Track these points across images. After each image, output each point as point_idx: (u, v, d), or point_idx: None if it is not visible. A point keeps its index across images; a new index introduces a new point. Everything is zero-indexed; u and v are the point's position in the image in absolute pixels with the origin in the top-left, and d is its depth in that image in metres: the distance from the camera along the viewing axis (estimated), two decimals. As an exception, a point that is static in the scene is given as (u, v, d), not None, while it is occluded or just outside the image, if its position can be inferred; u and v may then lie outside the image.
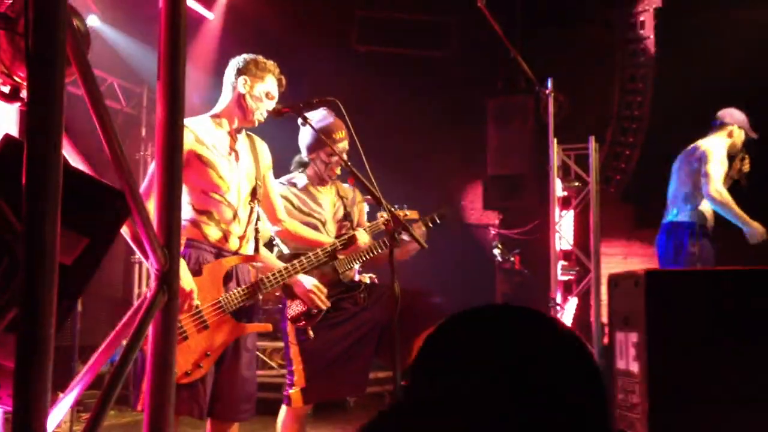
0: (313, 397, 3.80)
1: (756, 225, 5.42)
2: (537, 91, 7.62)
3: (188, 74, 2.13)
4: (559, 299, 7.13)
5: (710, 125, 5.92)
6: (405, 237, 3.65)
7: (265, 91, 3.46)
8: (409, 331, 3.50)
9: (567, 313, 7.29)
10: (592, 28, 8.52)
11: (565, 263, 7.40)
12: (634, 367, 2.38)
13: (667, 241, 5.62)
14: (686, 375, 2.28)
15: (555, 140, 7.47)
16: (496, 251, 6.50)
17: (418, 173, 8.23)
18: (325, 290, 3.67)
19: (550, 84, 7.48)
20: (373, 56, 8.91)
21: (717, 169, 5.50)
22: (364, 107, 7.69)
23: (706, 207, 5.58)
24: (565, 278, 7.36)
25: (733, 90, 7.25)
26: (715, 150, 5.58)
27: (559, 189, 7.52)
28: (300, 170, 4.02)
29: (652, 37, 8.07)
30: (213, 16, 7.40)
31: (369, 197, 3.86)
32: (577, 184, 7.57)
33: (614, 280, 2.67)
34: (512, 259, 6.71)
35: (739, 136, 5.75)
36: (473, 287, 7.75)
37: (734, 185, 5.72)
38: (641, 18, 8.11)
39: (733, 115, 5.82)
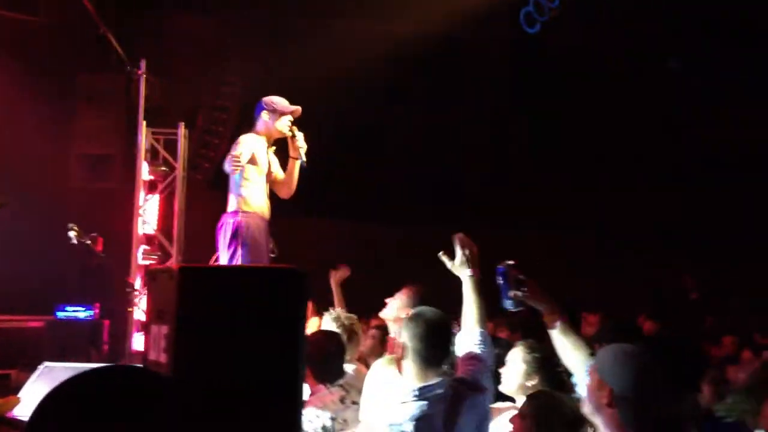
0: None
1: None
2: (129, 71, 7.44)
3: None
4: (138, 285, 7.04)
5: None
6: None
7: None
8: None
9: (144, 299, 7.25)
10: (191, 17, 8.60)
11: (148, 248, 7.35)
12: (163, 359, 2.49)
13: None
14: (208, 366, 2.45)
15: (144, 123, 7.38)
16: (72, 233, 6.19)
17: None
18: None
19: (143, 66, 7.35)
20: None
21: None
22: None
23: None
24: (147, 263, 7.29)
25: (323, 90, 7.87)
26: None
27: (145, 173, 7.44)
28: None
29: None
30: None
31: None
32: (164, 168, 7.57)
33: (152, 275, 2.75)
34: (89, 242, 6.46)
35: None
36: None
37: None
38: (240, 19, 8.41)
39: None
